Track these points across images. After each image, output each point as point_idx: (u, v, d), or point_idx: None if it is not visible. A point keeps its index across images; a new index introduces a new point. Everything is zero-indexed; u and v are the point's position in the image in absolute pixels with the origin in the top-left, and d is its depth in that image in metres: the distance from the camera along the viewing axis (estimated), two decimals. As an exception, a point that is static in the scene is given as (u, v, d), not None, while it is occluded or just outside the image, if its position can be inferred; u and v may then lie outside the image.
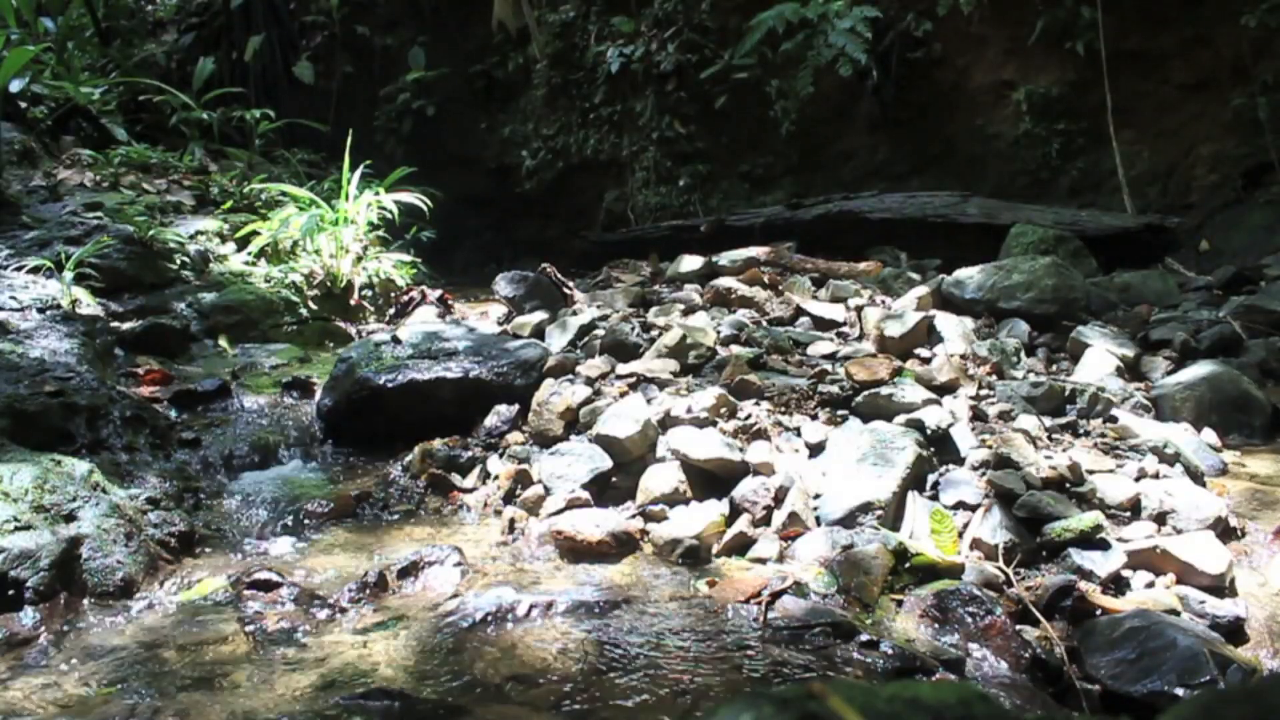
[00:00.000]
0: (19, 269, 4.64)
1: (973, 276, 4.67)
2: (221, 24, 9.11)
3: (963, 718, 0.62)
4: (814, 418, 3.30)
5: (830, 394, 3.40)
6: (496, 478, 3.25)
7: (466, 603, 2.39)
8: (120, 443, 3.31)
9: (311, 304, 5.43)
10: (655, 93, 8.45)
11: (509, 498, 3.14)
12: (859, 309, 4.41)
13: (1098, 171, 7.10)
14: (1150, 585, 2.45)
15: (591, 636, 2.24)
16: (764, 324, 4.33)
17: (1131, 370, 3.98)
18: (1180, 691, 1.98)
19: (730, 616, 2.35)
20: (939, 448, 3.03)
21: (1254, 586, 2.46)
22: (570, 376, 3.70)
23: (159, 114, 7.84)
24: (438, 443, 3.48)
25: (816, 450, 3.09)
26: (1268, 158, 6.37)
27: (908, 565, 2.49)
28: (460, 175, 9.24)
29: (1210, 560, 2.43)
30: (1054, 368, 4.12)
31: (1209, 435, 3.33)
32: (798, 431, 3.19)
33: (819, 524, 2.76)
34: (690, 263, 5.60)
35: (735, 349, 3.86)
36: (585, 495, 3.02)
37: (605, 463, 3.11)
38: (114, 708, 1.97)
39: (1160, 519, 2.67)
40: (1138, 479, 2.85)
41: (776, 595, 2.39)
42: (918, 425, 3.05)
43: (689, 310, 4.60)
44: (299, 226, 5.45)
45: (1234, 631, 2.29)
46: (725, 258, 5.47)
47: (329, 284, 5.59)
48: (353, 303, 5.64)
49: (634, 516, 2.94)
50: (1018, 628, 2.27)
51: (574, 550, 2.77)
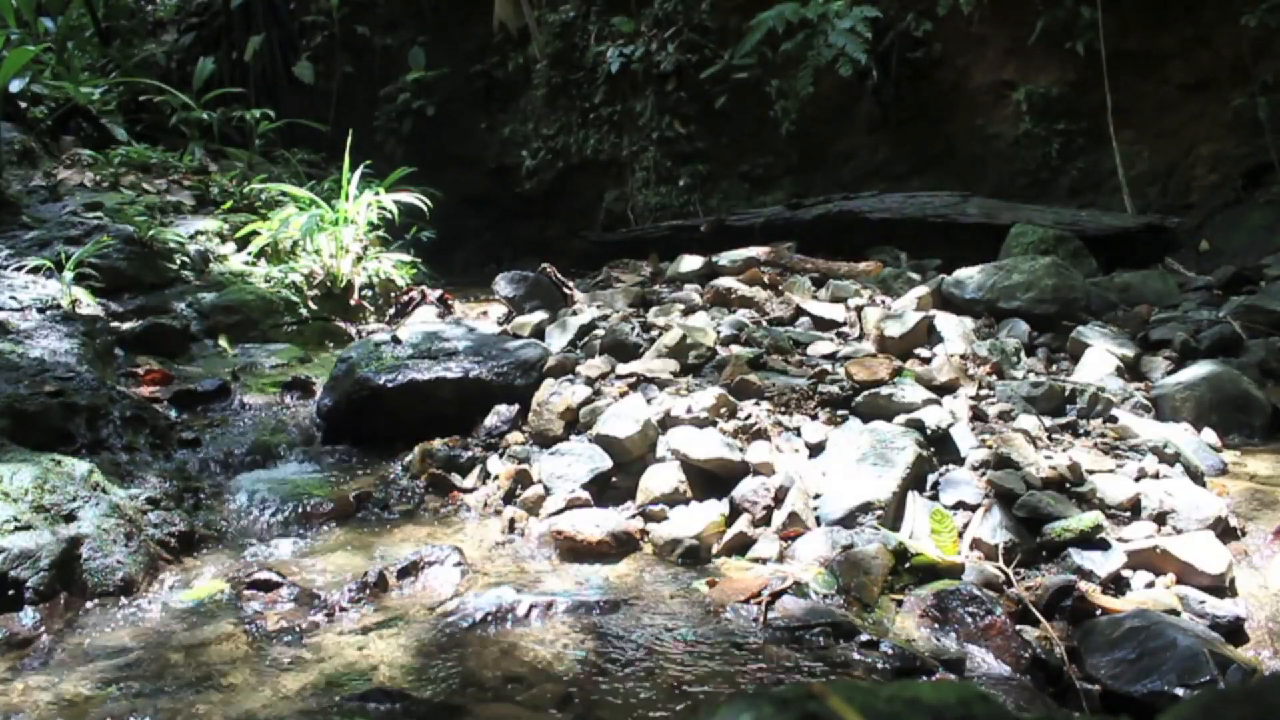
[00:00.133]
0: (19, 269, 4.64)
1: (973, 276, 4.67)
2: (221, 24, 9.11)
3: (963, 718, 0.62)
4: (814, 418, 3.30)
5: (830, 394, 3.40)
6: (496, 478, 3.25)
7: (466, 603, 2.39)
8: (120, 443, 3.31)
9: (311, 304, 5.43)
10: (655, 93, 8.45)
11: (509, 498, 3.14)
12: (859, 309, 4.41)
13: (1098, 171, 7.10)
14: (1150, 585, 2.45)
15: (591, 637, 2.24)
16: (764, 324, 4.33)
17: (1131, 370, 3.98)
18: (1180, 691, 1.98)
19: (730, 616, 2.35)
20: (939, 448, 3.03)
21: (1254, 586, 2.46)
22: (570, 376, 3.70)
23: (159, 114, 7.84)
24: (438, 443, 3.48)
25: (816, 450, 3.09)
26: (1268, 158, 6.37)
27: (908, 565, 2.49)
28: (460, 175, 9.24)
29: (1210, 560, 2.43)
30: (1054, 368, 4.12)
31: (1209, 435, 3.32)
32: (798, 431, 3.19)
33: (819, 524, 2.76)
34: (690, 263, 5.60)
35: (735, 349, 3.86)
36: (585, 495, 3.02)
37: (605, 463, 3.11)
38: (114, 708, 1.97)
39: (1160, 519, 2.67)
40: (1138, 479, 2.85)
41: (776, 595, 2.39)
42: (918, 425, 3.05)
43: (689, 310, 4.60)
44: (299, 226, 5.45)
45: (1234, 631, 2.29)
46: (725, 258, 5.46)
47: (329, 284, 5.59)
48: (353, 303, 5.65)
49: (634, 516, 2.94)
50: (1018, 628, 2.27)
51: (574, 550, 2.77)
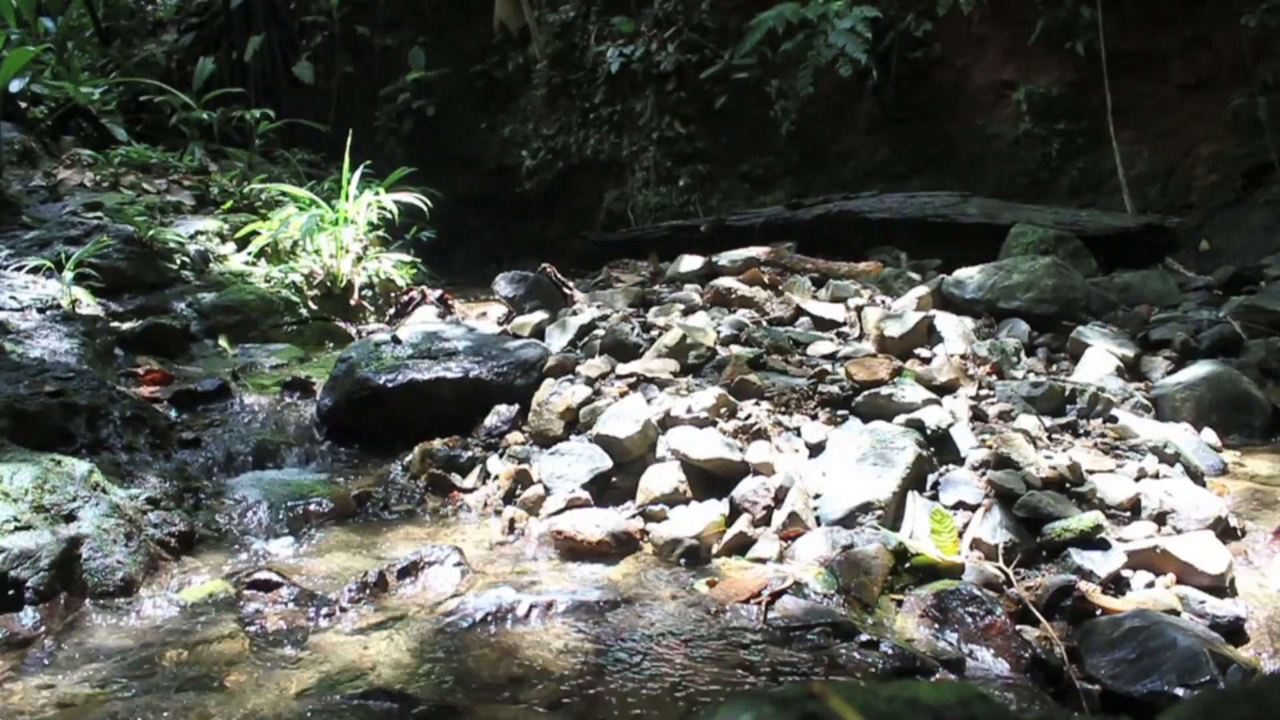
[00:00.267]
0: (19, 269, 4.64)
1: (973, 276, 4.67)
2: (221, 24, 9.11)
3: (963, 718, 0.62)
4: (814, 418, 3.30)
5: (830, 394, 3.40)
6: (496, 478, 3.25)
7: (466, 603, 2.39)
8: (120, 443, 3.31)
9: (311, 304, 5.43)
10: (655, 93, 8.45)
11: (509, 498, 3.14)
12: (859, 309, 4.41)
13: (1098, 171, 7.10)
14: (1150, 585, 2.45)
15: (591, 637, 2.24)
16: (764, 324, 4.33)
17: (1131, 370, 3.98)
18: (1180, 691, 1.98)
19: (730, 616, 2.35)
20: (939, 448, 3.03)
21: (1254, 586, 2.46)
22: (570, 376, 3.70)
23: (159, 114, 7.84)
24: (438, 443, 3.48)
25: (816, 450, 3.09)
26: (1268, 158, 6.37)
27: (908, 565, 2.49)
28: (460, 175, 9.24)
29: (1210, 560, 2.43)
30: (1054, 368, 4.12)
31: (1209, 435, 3.32)
32: (798, 431, 3.19)
33: (819, 524, 2.76)
34: (690, 263, 5.59)
35: (735, 349, 3.86)
36: (585, 495, 3.02)
37: (605, 463, 3.11)
38: (114, 708, 1.97)
39: (1160, 519, 2.67)
40: (1138, 479, 2.85)
41: (776, 595, 2.39)
42: (918, 425, 3.05)
43: (689, 310, 4.60)
44: (299, 226, 5.45)
45: (1234, 631, 2.29)
46: (725, 258, 5.46)
47: (329, 284, 5.59)
48: (353, 303, 5.64)
49: (634, 516, 2.94)
50: (1018, 628, 2.27)
51: (574, 550, 2.77)
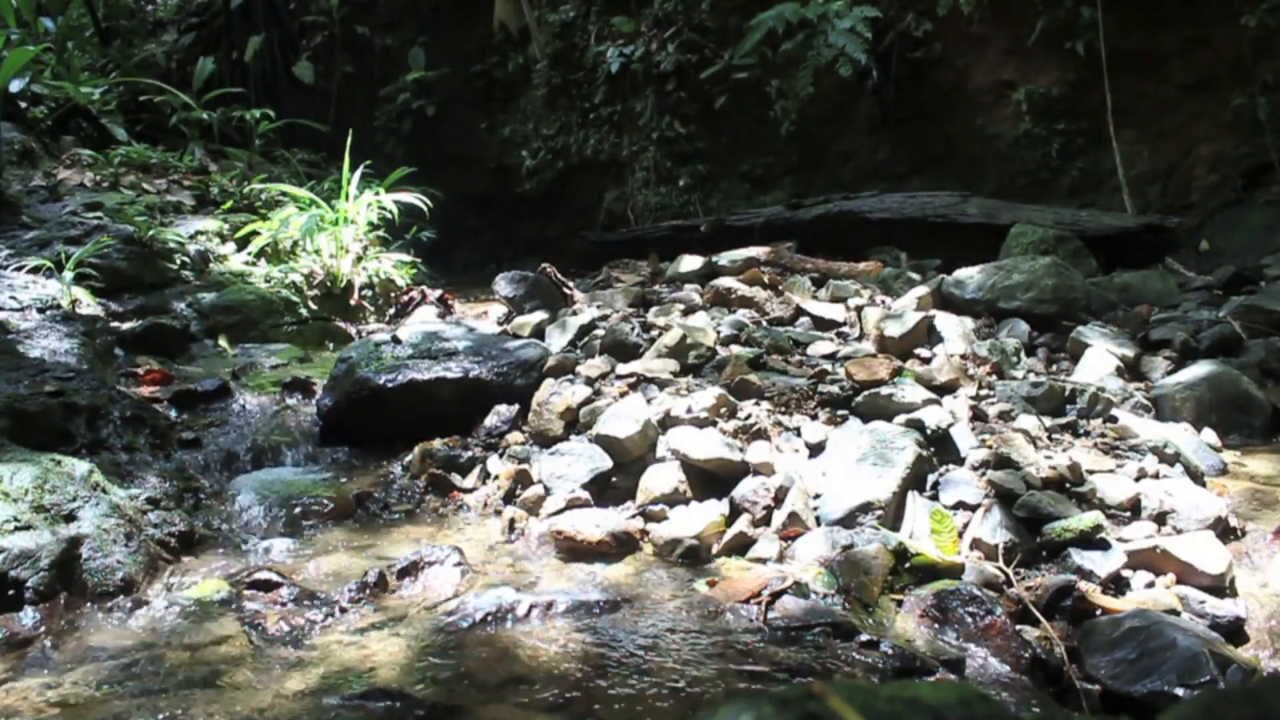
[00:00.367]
0: (19, 269, 4.64)
1: (973, 276, 4.67)
2: (221, 24, 9.11)
3: (963, 718, 0.62)
4: (814, 418, 3.30)
5: (830, 394, 3.40)
6: (496, 478, 3.25)
7: (466, 603, 2.39)
8: (120, 443, 3.31)
9: (311, 304, 5.43)
10: (655, 93, 8.45)
11: (509, 498, 3.14)
12: (859, 309, 4.41)
13: (1098, 171, 7.10)
14: (1150, 585, 2.45)
15: (591, 637, 2.24)
16: (764, 324, 4.33)
17: (1131, 370, 3.98)
18: (1180, 691, 1.98)
19: (730, 616, 2.35)
20: (939, 448, 3.03)
21: (1254, 586, 2.46)
22: (570, 376, 3.70)
23: (159, 114, 7.84)
24: (438, 443, 3.48)
25: (816, 450, 3.09)
26: (1268, 158, 6.37)
27: (908, 565, 2.49)
28: (460, 175, 9.25)
29: (1210, 560, 2.43)
30: (1054, 368, 4.12)
31: (1209, 435, 3.32)
32: (798, 431, 3.19)
33: (819, 524, 2.76)
34: (690, 263, 5.59)
35: (735, 349, 3.86)
36: (585, 495, 3.02)
37: (605, 463, 3.11)
38: (114, 708, 1.97)
39: (1160, 519, 2.67)
40: (1138, 479, 2.85)
41: (776, 595, 2.39)
42: (918, 425, 3.05)
43: (689, 310, 4.60)
44: (299, 226, 5.45)
45: (1234, 631, 2.29)
46: (725, 258, 5.46)
47: (329, 284, 5.59)
48: (353, 303, 5.65)
49: (634, 516, 2.94)
50: (1018, 628, 2.27)
51: (574, 550, 2.77)
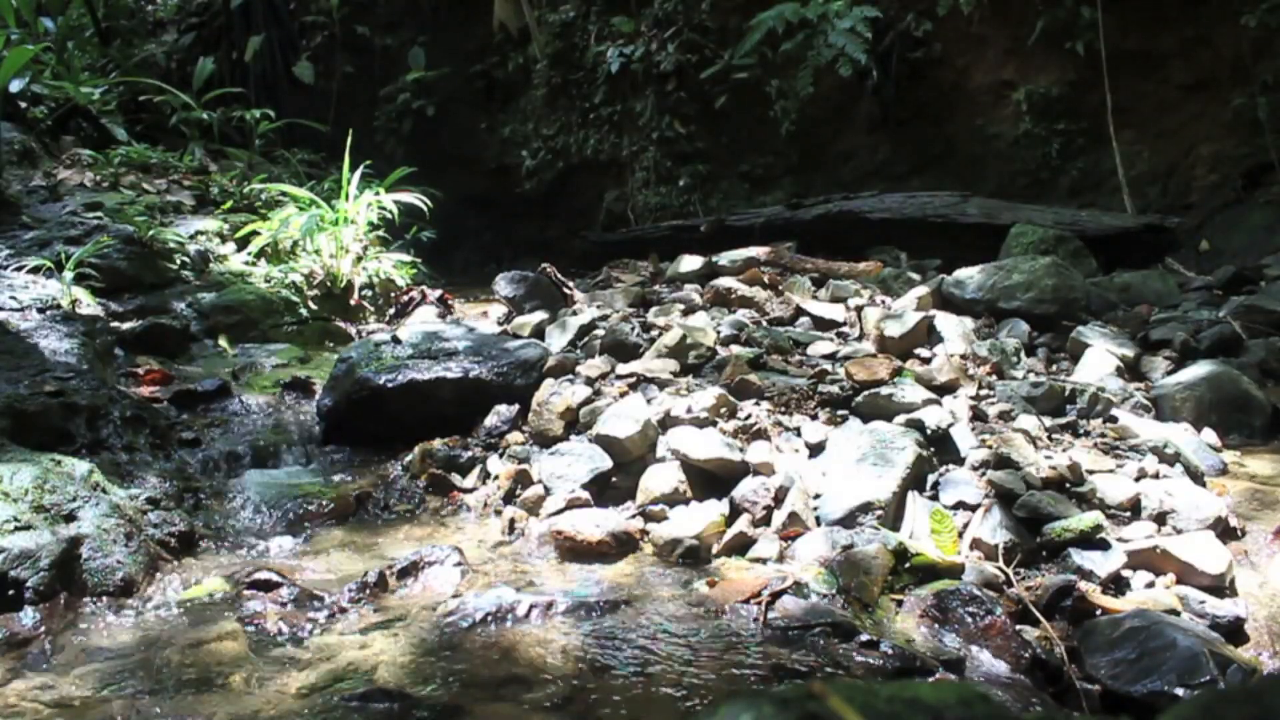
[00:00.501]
0: (19, 269, 4.64)
1: (973, 276, 4.67)
2: (221, 24, 9.11)
3: (963, 718, 0.62)
4: (814, 418, 3.30)
5: (830, 394, 3.40)
6: (496, 478, 3.25)
7: (466, 603, 2.39)
8: (120, 443, 3.31)
9: (311, 304, 5.43)
10: (655, 93, 8.45)
11: (509, 498, 3.14)
12: (859, 309, 4.41)
13: (1098, 171, 7.10)
14: (1150, 585, 2.45)
15: (591, 637, 2.24)
16: (764, 324, 4.33)
17: (1131, 370, 3.98)
18: (1180, 691, 1.98)
19: (730, 616, 2.35)
20: (939, 448, 3.03)
21: (1254, 586, 2.46)
22: (570, 376, 3.70)
23: (159, 114, 7.84)
24: (438, 443, 3.48)
25: (816, 450, 3.09)
26: (1268, 158, 6.37)
27: (908, 565, 2.49)
28: (460, 175, 9.25)
29: (1210, 560, 2.43)
30: (1054, 368, 4.12)
31: (1209, 435, 3.32)
32: (798, 431, 3.19)
33: (819, 524, 2.76)
34: (690, 263, 5.59)
35: (735, 349, 3.86)
36: (585, 495, 3.02)
37: (605, 463, 3.11)
38: (114, 708, 1.97)
39: (1160, 519, 2.67)
40: (1138, 479, 2.85)
41: (776, 595, 2.39)
42: (918, 425, 3.05)
43: (689, 310, 4.60)
44: (299, 226, 5.45)
45: (1234, 631, 2.29)
46: (725, 258, 5.46)
47: (329, 284, 5.59)
48: (353, 303, 5.65)
49: (634, 516, 2.94)
50: (1018, 628, 2.27)
51: (574, 550, 2.77)
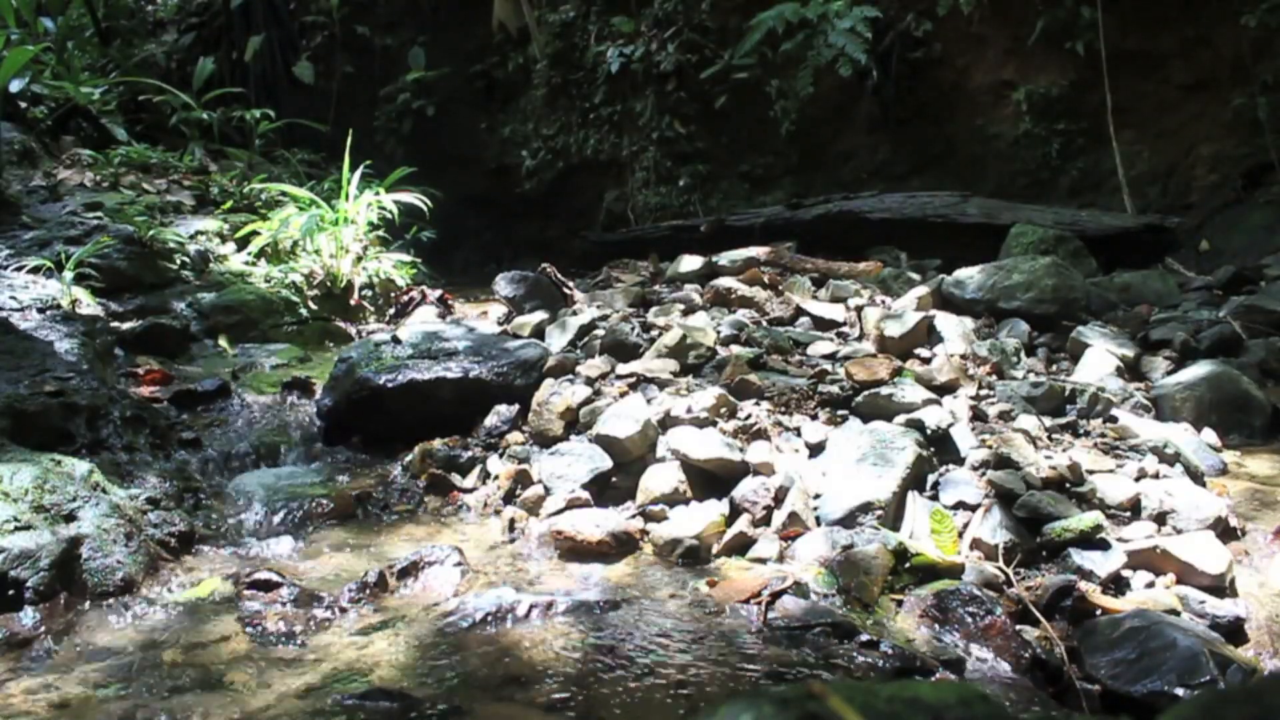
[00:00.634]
0: (19, 269, 4.64)
1: (973, 276, 4.67)
2: (221, 24, 9.12)
3: (963, 718, 0.62)
4: (814, 418, 3.30)
5: (830, 394, 3.40)
6: (496, 478, 3.25)
7: (466, 603, 2.39)
8: (120, 443, 3.31)
9: (311, 304, 5.43)
10: (655, 93, 8.45)
11: (509, 498, 3.14)
12: (859, 309, 4.41)
13: (1098, 171, 7.10)
14: (1150, 585, 2.45)
15: (591, 637, 2.24)
16: (764, 324, 4.33)
17: (1131, 370, 3.98)
18: (1180, 691, 1.98)
19: (730, 616, 2.35)
20: (939, 448, 3.03)
21: (1254, 586, 2.46)
22: (570, 376, 3.70)
23: (159, 114, 7.84)
24: (438, 443, 3.48)
25: (816, 450, 3.09)
26: (1268, 158, 6.37)
27: (908, 565, 2.49)
28: (460, 175, 9.25)
29: (1210, 560, 2.43)
30: (1054, 368, 4.12)
31: (1209, 435, 3.32)
32: (798, 431, 3.19)
33: (819, 524, 2.76)
34: (690, 263, 5.59)
35: (735, 349, 3.86)
36: (585, 495, 3.02)
37: (605, 463, 3.11)
38: (114, 708, 1.97)
39: (1160, 519, 2.67)
40: (1138, 479, 2.85)
41: (776, 595, 2.39)
42: (918, 425, 3.05)
43: (689, 310, 4.60)
44: (299, 226, 5.46)
45: (1234, 631, 2.29)
46: (725, 258, 5.46)
47: (329, 284, 5.59)
48: (353, 303, 5.65)
49: (634, 516, 2.94)
50: (1018, 628, 2.27)
51: (574, 550, 2.77)
